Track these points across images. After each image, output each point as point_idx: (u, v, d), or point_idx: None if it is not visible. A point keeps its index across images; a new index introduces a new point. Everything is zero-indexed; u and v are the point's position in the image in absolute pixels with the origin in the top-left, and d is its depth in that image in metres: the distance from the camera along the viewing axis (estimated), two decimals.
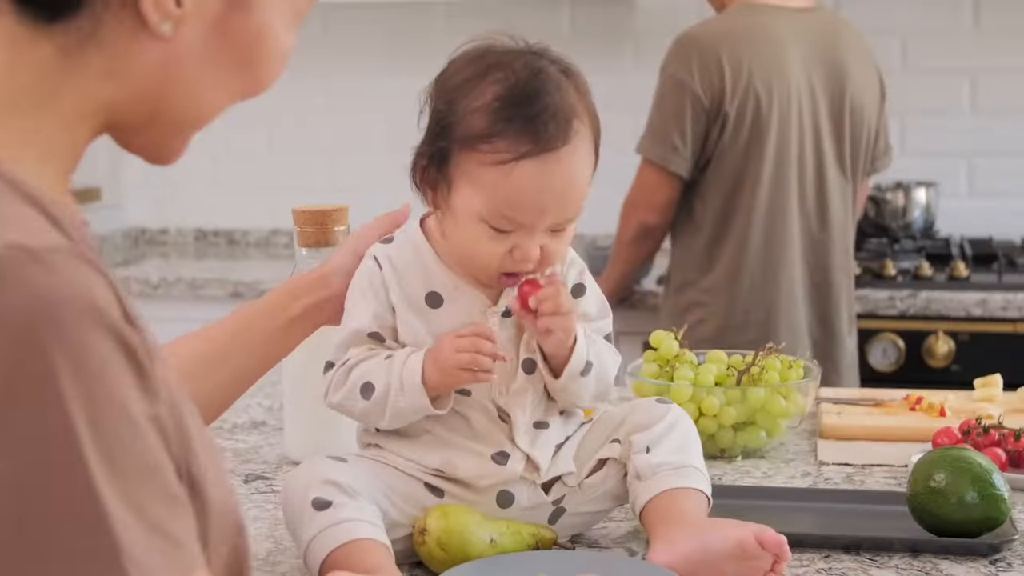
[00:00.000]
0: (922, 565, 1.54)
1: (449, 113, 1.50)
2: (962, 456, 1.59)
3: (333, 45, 4.15)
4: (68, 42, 0.97)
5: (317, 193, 3.89)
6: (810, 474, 1.89)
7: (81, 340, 0.87)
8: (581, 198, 1.51)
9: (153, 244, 4.32)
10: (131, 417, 0.88)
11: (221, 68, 1.02)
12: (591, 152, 1.52)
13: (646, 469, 1.56)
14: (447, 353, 1.49)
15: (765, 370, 1.97)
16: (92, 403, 0.86)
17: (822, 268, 3.12)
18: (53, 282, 0.87)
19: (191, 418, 0.97)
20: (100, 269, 0.91)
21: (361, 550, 1.43)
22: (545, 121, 1.46)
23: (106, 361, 0.88)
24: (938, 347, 3.31)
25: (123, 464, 0.87)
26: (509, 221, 1.48)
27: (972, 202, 3.89)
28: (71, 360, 0.86)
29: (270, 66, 1.05)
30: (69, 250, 0.89)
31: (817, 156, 3.09)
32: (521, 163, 1.46)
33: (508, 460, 1.55)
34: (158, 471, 0.89)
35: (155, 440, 0.90)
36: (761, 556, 1.46)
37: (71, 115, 0.99)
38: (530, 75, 1.48)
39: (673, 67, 3.03)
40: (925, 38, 3.86)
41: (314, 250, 1.90)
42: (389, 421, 1.54)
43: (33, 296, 0.86)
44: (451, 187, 1.51)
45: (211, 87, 1.02)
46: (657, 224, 3.13)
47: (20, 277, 0.86)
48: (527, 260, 1.50)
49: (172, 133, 1.04)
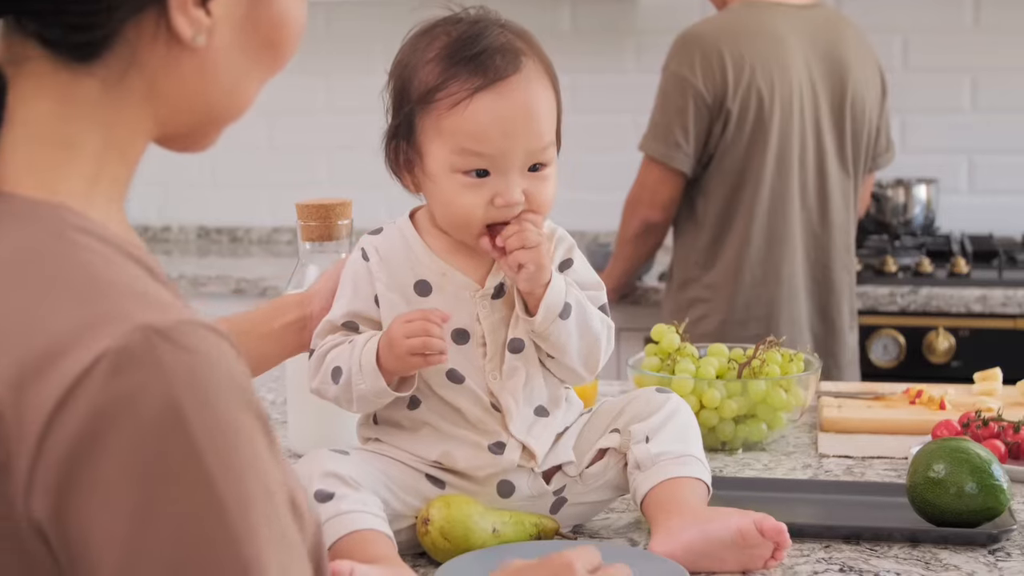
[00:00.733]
0: (921, 555, 1.55)
1: (403, 83, 1.55)
2: (961, 447, 1.60)
3: (335, 42, 4.16)
4: (110, 75, 0.97)
5: (319, 190, 3.90)
6: (811, 466, 1.90)
7: (221, 417, 0.88)
8: (547, 126, 1.53)
9: (156, 241, 4.32)
10: (270, 490, 0.90)
11: (251, 60, 1.03)
12: (548, 86, 1.54)
13: (646, 459, 1.57)
14: (398, 339, 1.50)
15: (766, 363, 1.98)
16: (238, 481, 0.88)
17: (823, 264, 3.13)
18: (188, 360, 0.88)
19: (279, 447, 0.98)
20: (221, 333, 0.92)
21: (364, 541, 1.45)
22: (491, 54, 1.51)
23: (244, 434, 0.89)
24: (939, 343, 3.32)
25: (268, 535, 0.89)
26: (478, 158, 1.51)
27: (973, 199, 3.89)
28: (214, 439, 0.87)
29: (292, 43, 1.06)
30: (193, 321, 0.90)
31: (819, 152, 3.10)
32: (476, 97, 1.50)
33: (504, 449, 1.56)
34: (293, 543, 0.92)
35: (286, 507, 0.92)
36: (761, 544, 1.48)
37: (125, 143, 1.00)
38: (469, 26, 1.54)
39: (675, 64, 3.04)
40: (926, 36, 3.87)
41: (318, 244, 1.91)
42: (357, 405, 1.56)
43: (170, 378, 0.87)
44: (422, 155, 1.54)
45: (244, 79, 1.04)
46: (659, 221, 3.13)
47: (155, 359, 0.87)
48: (509, 204, 1.51)
49: (213, 129, 1.06)
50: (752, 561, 1.49)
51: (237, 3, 1.00)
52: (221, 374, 0.89)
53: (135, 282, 0.93)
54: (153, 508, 0.86)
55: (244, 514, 0.88)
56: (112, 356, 0.86)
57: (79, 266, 0.92)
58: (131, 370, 0.86)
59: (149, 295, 0.92)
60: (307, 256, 1.92)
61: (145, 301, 0.91)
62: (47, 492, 0.86)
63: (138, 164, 1.03)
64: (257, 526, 0.88)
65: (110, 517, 0.85)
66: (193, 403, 0.87)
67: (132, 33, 0.97)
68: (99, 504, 0.85)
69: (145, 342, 0.87)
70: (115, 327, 0.87)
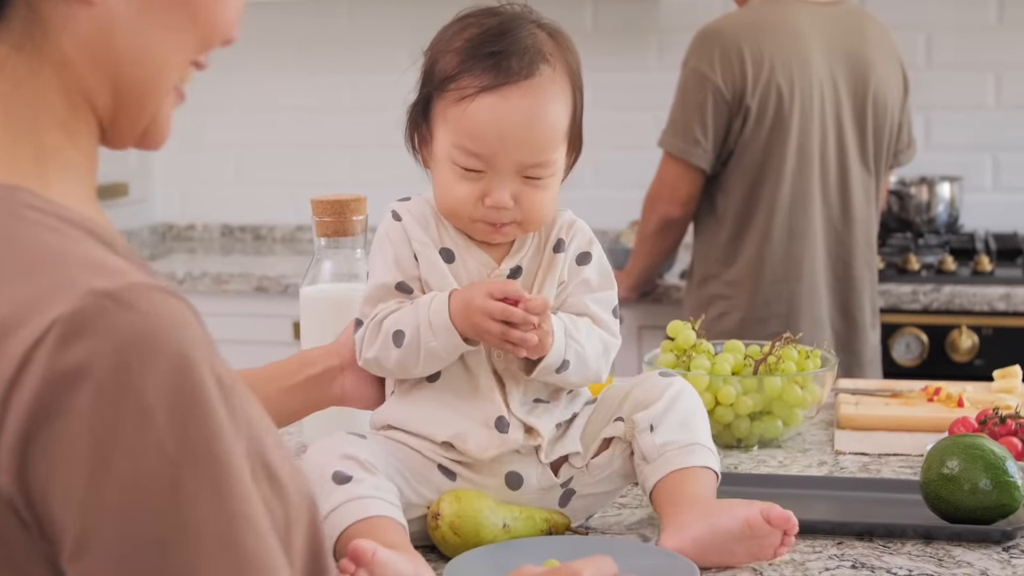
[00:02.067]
0: (935, 552, 1.54)
1: (430, 64, 1.57)
2: (975, 443, 1.59)
3: (359, 40, 4.17)
4: (16, 38, 0.97)
5: (342, 188, 3.91)
6: (826, 463, 1.89)
7: (173, 380, 0.88)
8: (548, 140, 1.52)
9: (180, 239, 4.34)
10: (220, 454, 0.90)
11: (161, 19, 1.00)
12: (563, 99, 1.53)
13: (652, 451, 1.57)
14: (478, 316, 1.49)
15: (782, 360, 1.97)
16: (189, 444, 0.89)
17: (844, 261, 3.12)
18: (139, 323, 0.88)
19: (254, 408, 0.98)
20: (177, 296, 0.92)
21: (379, 527, 1.44)
22: (508, 55, 1.51)
23: (199, 398, 0.90)
24: (962, 341, 3.31)
25: (209, 503, 0.89)
26: (472, 157, 1.52)
27: (997, 196, 3.87)
28: (165, 402, 0.88)
29: (217, 5, 1.02)
30: (146, 284, 0.90)
31: (840, 149, 3.09)
32: (480, 96, 1.51)
33: (509, 428, 1.56)
34: (247, 511, 0.91)
35: (245, 469, 0.92)
36: (770, 533, 1.47)
37: (66, 116, 0.99)
38: (503, 21, 1.54)
39: (695, 60, 3.04)
40: (950, 33, 3.85)
41: (333, 239, 1.91)
42: (424, 365, 1.55)
43: (121, 341, 0.87)
44: (432, 136, 1.56)
45: (159, 42, 1.01)
46: (679, 217, 3.13)
47: (105, 323, 0.87)
48: (497, 206, 1.52)
49: (142, 109, 1.03)
50: (761, 551, 1.48)
51: None
52: (175, 336, 0.89)
53: (90, 253, 0.93)
54: (108, 472, 0.87)
55: (194, 478, 0.88)
56: (63, 323, 0.87)
57: (32, 241, 0.93)
58: (83, 335, 0.87)
59: (103, 264, 0.92)
60: (322, 252, 1.92)
61: (97, 269, 0.91)
62: (10, 462, 0.87)
63: (92, 144, 1.02)
64: (200, 492, 0.89)
65: (68, 482, 0.87)
66: (144, 366, 0.87)
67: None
68: (57, 470, 0.87)
69: (95, 306, 0.88)
70: (65, 294, 0.88)
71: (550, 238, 1.61)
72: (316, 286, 1.93)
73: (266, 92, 4.25)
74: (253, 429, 0.95)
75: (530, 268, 1.60)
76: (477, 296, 1.50)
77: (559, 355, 1.54)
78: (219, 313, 3.68)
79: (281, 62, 4.23)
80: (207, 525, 0.89)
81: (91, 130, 1.02)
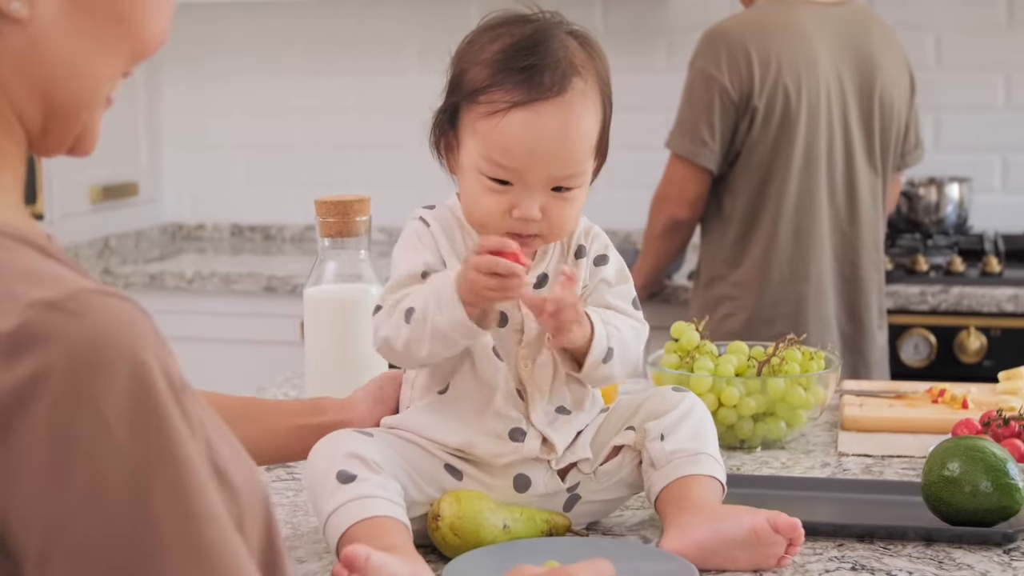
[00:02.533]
0: (935, 554, 1.54)
1: (458, 73, 1.54)
2: (976, 445, 1.59)
3: (367, 41, 4.18)
4: None
5: (351, 189, 3.91)
6: (829, 465, 1.89)
7: (126, 385, 0.87)
8: (579, 153, 1.51)
9: (190, 239, 4.35)
10: (185, 454, 0.90)
11: (92, 35, 0.98)
12: (593, 112, 1.52)
13: (660, 457, 1.57)
14: (471, 273, 1.45)
15: (785, 361, 1.97)
16: (147, 446, 0.88)
17: (851, 262, 3.12)
18: (87, 329, 0.86)
19: (201, 408, 0.98)
20: (123, 297, 0.90)
21: (381, 527, 1.44)
22: (540, 70, 1.49)
23: (152, 400, 0.88)
24: (970, 343, 3.30)
25: (183, 494, 0.89)
26: (502, 170, 1.50)
27: (1006, 197, 3.87)
28: (120, 408, 0.87)
29: (147, 17, 1.00)
30: (89, 289, 0.89)
31: (846, 150, 3.09)
32: (512, 111, 1.49)
33: (525, 438, 1.56)
34: (205, 514, 0.91)
35: (204, 468, 0.91)
36: (775, 541, 1.47)
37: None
38: (535, 31, 1.52)
39: (701, 61, 3.04)
40: (960, 33, 3.84)
41: (336, 240, 1.92)
42: (430, 346, 1.49)
43: (71, 350, 0.86)
44: (459, 144, 1.55)
45: (91, 58, 0.99)
46: (686, 218, 3.13)
47: (53, 333, 0.86)
48: (526, 218, 1.51)
49: (72, 121, 1.01)
50: (765, 559, 1.48)
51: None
52: (126, 341, 0.88)
53: (26, 263, 0.91)
54: (68, 483, 0.86)
55: (156, 482, 0.87)
56: (6, 339, 0.85)
57: None
58: (29, 349, 0.85)
59: (41, 274, 0.90)
60: (326, 252, 1.93)
61: (35, 279, 0.89)
62: None
63: (20, 159, 1.00)
64: (162, 495, 0.88)
65: (28, 497, 0.86)
66: (98, 374, 0.86)
67: None
68: (16, 487, 0.86)
69: (39, 317, 0.86)
70: (5, 309, 0.86)
71: (571, 244, 1.61)
72: (320, 287, 1.94)
73: (276, 93, 4.26)
74: (203, 430, 0.94)
75: (555, 275, 1.58)
76: (471, 255, 1.46)
77: (603, 344, 1.53)
78: (228, 313, 3.69)
79: (290, 63, 4.24)
80: (172, 528, 0.88)
81: (20, 145, 1.00)
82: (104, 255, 3.95)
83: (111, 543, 0.87)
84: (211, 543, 0.90)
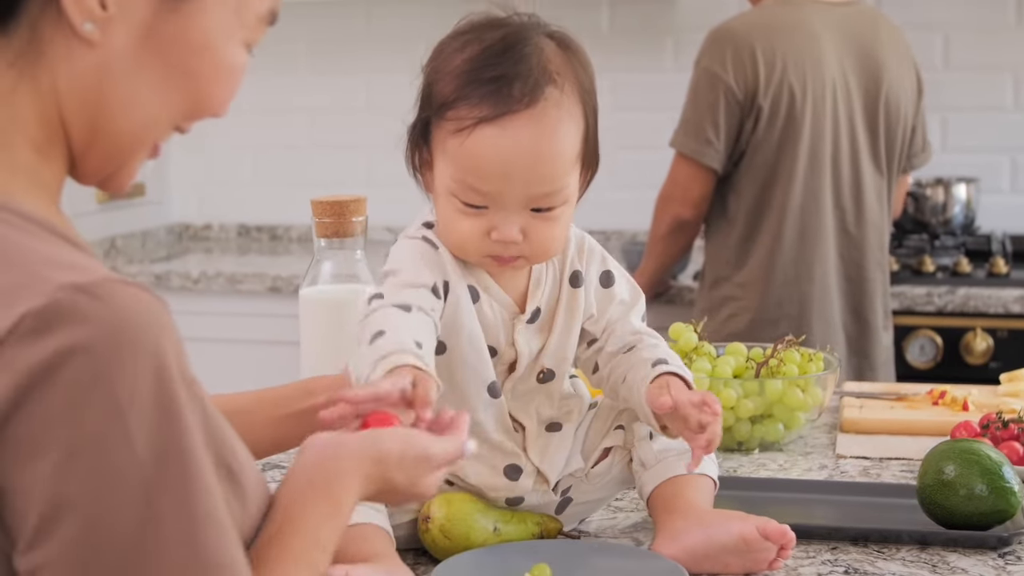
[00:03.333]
0: (929, 557, 1.53)
1: (428, 86, 1.46)
2: (972, 448, 1.58)
3: (376, 41, 4.17)
4: (12, 55, 0.98)
5: (358, 189, 3.90)
6: (826, 467, 1.88)
7: (144, 376, 0.90)
8: (557, 170, 1.41)
9: (196, 239, 4.34)
10: (193, 451, 0.92)
11: (157, 78, 1.01)
12: (571, 122, 1.41)
13: (650, 456, 1.56)
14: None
15: (784, 363, 1.96)
16: (157, 438, 0.90)
17: (856, 263, 3.10)
18: (112, 316, 0.89)
19: (214, 408, 0.99)
20: (148, 290, 0.93)
21: (362, 536, 1.42)
22: (509, 80, 1.38)
23: (167, 394, 0.91)
24: (976, 344, 3.28)
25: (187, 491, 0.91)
26: (476, 193, 1.41)
27: (1015, 198, 3.85)
28: (135, 397, 0.89)
29: (214, 81, 1.04)
30: (117, 279, 0.92)
31: (852, 150, 3.07)
32: (479, 128, 1.38)
33: (520, 475, 1.53)
34: (206, 509, 0.92)
35: (210, 468, 0.93)
36: (765, 548, 1.46)
37: (40, 139, 1.00)
38: (505, 36, 1.41)
39: (707, 60, 3.02)
40: (968, 34, 3.83)
41: (333, 240, 1.91)
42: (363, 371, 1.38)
43: (95, 334, 0.88)
44: (433, 162, 1.46)
45: (149, 99, 1.02)
46: (691, 218, 3.12)
47: (80, 315, 0.88)
48: (505, 241, 1.42)
49: (116, 154, 1.04)
50: (755, 565, 1.47)
51: (139, 8, 0.99)
52: (147, 332, 0.90)
53: (59, 251, 0.94)
54: (76, 462, 0.88)
55: (161, 475, 0.89)
56: (35, 316, 0.88)
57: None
58: (55, 328, 0.88)
59: (73, 261, 0.93)
60: (322, 253, 1.92)
61: (67, 265, 0.92)
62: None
63: (62, 174, 1.02)
64: (166, 489, 0.90)
65: (35, 471, 0.88)
66: (117, 360, 0.88)
67: (34, 8, 0.97)
68: (24, 460, 0.88)
69: (67, 300, 0.89)
70: (35, 289, 0.89)
71: (565, 270, 1.53)
72: (316, 287, 1.93)
73: (283, 93, 4.25)
74: (216, 429, 0.95)
75: (548, 306, 1.53)
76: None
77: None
78: (233, 313, 3.68)
79: (298, 63, 4.23)
80: (172, 523, 0.90)
81: (62, 158, 1.02)
82: (111, 255, 3.95)
83: (110, 527, 0.89)
84: (207, 543, 0.91)
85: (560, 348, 1.54)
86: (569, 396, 1.58)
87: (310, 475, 1.11)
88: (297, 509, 1.07)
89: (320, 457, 1.13)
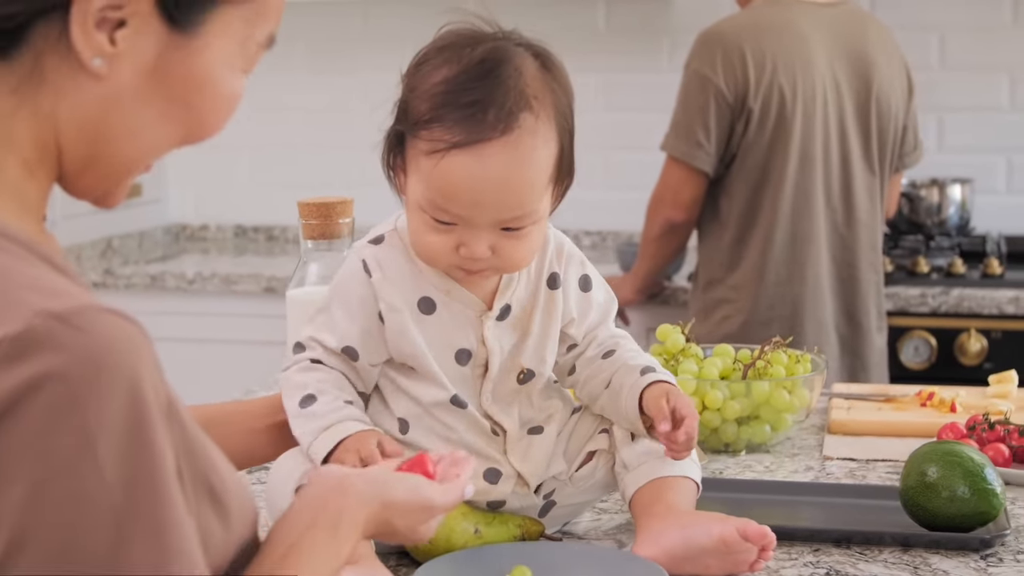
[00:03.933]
0: (911, 559, 1.53)
1: (405, 99, 1.46)
2: (954, 450, 1.58)
3: (372, 41, 4.17)
4: (15, 81, 0.98)
5: (355, 190, 3.90)
6: (812, 469, 1.88)
7: (119, 404, 0.89)
8: (528, 196, 1.41)
9: (193, 240, 4.35)
10: (165, 484, 0.91)
11: (160, 111, 1.02)
12: (545, 148, 1.41)
13: (632, 459, 1.55)
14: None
15: (771, 364, 1.96)
16: (128, 469, 0.89)
17: (849, 264, 3.10)
18: (88, 344, 0.89)
19: (197, 430, 0.99)
20: (127, 317, 0.93)
21: None
22: (484, 108, 1.38)
23: (143, 423, 0.90)
24: (970, 345, 3.28)
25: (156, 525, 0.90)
26: (446, 213, 1.41)
27: (1010, 199, 3.84)
28: (108, 426, 0.88)
29: (214, 111, 1.05)
30: (95, 306, 0.91)
31: (843, 151, 3.07)
32: (451, 153, 1.39)
33: (500, 479, 1.53)
34: (185, 531, 0.92)
35: (180, 499, 0.93)
36: (745, 549, 1.45)
37: (32, 159, 1.01)
38: (485, 58, 1.41)
39: (697, 63, 3.02)
40: (964, 33, 3.82)
41: (320, 242, 1.91)
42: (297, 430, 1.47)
43: (70, 362, 0.88)
44: (405, 173, 1.47)
45: (150, 130, 1.03)
46: (683, 221, 3.11)
47: (55, 343, 0.88)
48: (473, 258, 1.43)
49: (111, 177, 1.05)
50: (736, 566, 1.46)
51: (148, 46, 1.00)
52: (124, 361, 0.90)
53: (38, 274, 0.94)
54: (46, 489, 0.87)
55: (131, 507, 0.89)
56: (10, 342, 0.87)
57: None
58: (31, 355, 0.87)
59: (52, 286, 0.93)
60: (308, 254, 1.92)
61: (46, 290, 0.92)
62: None
63: (48, 190, 1.03)
64: (136, 522, 0.89)
65: (6, 496, 0.87)
66: (92, 390, 0.88)
67: (39, 39, 0.98)
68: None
69: (44, 326, 0.88)
70: (12, 314, 0.89)
71: (543, 271, 1.54)
72: (302, 288, 1.93)
73: (280, 93, 4.25)
74: (196, 452, 0.95)
75: (523, 305, 1.53)
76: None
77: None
78: (228, 313, 3.68)
79: (295, 63, 4.23)
80: (141, 549, 0.89)
81: (50, 177, 1.03)
82: (107, 255, 3.96)
83: (80, 560, 0.88)
84: (176, 570, 0.91)
85: (539, 348, 1.54)
86: (551, 398, 1.58)
87: (315, 511, 1.13)
88: (306, 545, 1.09)
89: (327, 492, 1.16)
